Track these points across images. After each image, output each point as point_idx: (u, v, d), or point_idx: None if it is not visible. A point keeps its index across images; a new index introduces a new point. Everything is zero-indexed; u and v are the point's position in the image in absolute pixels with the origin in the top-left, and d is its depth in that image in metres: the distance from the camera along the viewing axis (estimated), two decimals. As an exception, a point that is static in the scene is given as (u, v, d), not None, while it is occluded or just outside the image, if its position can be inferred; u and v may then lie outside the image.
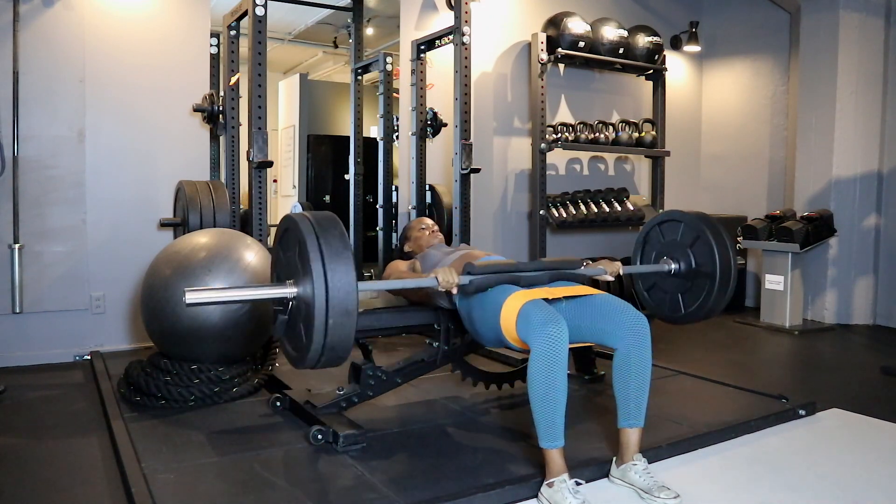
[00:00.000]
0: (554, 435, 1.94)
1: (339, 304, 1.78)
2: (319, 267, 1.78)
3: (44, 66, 3.60)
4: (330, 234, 1.85)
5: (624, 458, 2.08)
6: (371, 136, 5.00)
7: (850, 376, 3.66)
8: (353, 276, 1.83)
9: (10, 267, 3.50)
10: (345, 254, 1.83)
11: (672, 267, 2.67)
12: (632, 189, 5.49)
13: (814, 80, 5.03)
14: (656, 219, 2.80)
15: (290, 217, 1.97)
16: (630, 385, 2.09)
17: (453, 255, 2.68)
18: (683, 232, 2.65)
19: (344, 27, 5.36)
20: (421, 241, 2.94)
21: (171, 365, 2.86)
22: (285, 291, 1.90)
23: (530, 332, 1.99)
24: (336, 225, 1.92)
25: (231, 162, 3.92)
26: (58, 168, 3.64)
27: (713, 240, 2.55)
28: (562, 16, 4.78)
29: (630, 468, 2.04)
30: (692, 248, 2.62)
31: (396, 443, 2.40)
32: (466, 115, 3.94)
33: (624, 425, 2.10)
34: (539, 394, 1.93)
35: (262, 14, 3.40)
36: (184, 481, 2.07)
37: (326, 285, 1.77)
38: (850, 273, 4.96)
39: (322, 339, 1.78)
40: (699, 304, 2.60)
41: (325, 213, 1.99)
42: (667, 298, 2.74)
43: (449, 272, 2.18)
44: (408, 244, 3.00)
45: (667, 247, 2.72)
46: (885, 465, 2.32)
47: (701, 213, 2.69)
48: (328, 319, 1.76)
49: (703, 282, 2.59)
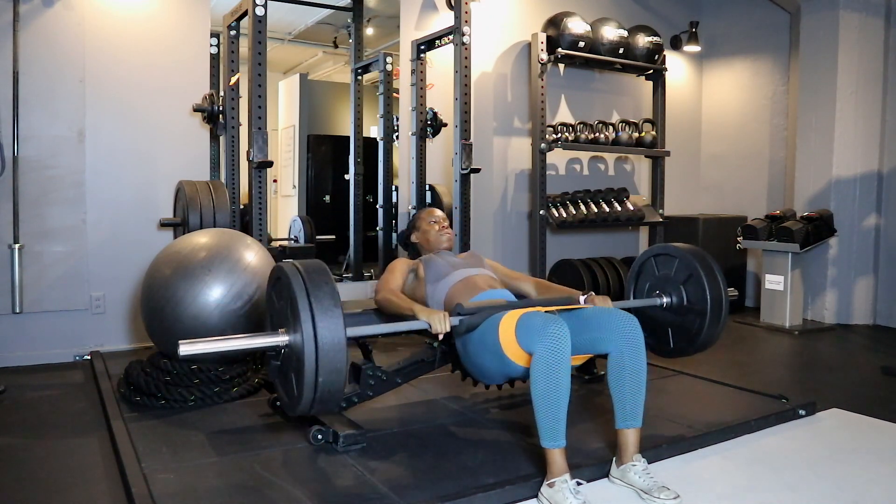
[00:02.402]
0: (556, 434, 1.94)
1: (329, 362, 1.83)
2: (310, 328, 1.83)
3: (44, 66, 3.59)
4: (320, 289, 1.89)
5: (623, 458, 2.07)
6: (371, 136, 5.00)
7: (850, 376, 3.66)
8: (342, 334, 1.86)
9: (10, 267, 3.50)
10: (334, 311, 1.86)
11: (664, 301, 2.70)
12: (632, 189, 5.48)
13: (814, 80, 5.03)
14: (651, 251, 2.81)
15: (281, 267, 2.02)
16: (625, 387, 2.10)
17: (458, 274, 2.60)
18: (677, 267, 2.68)
19: (344, 27, 5.35)
20: (429, 235, 2.86)
21: (171, 365, 2.85)
22: (277, 340, 1.96)
23: (532, 336, 2.00)
24: (326, 280, 1.95)
25: (231, 162, 3.92)
26: (58, 168, 3.64)
27: (705, 278, 2.57)
28: (562, 16, 4.78)
29: (630, 469, 2.04)
30: (685, 284, 2.64)
31: (396, 443, 2.40)
32: (466, 115, 3.94)
33: (621, 426, 2.10)
34: (542, 393, 1.94)
35: (262, 14, 3.40)
36: (184, 481, 2.07)
37: (316, 345, 1.83)
38: (850, 273, 4.96)
39: (312, 393, 1.85)
40: (689, 339, 2.64)
41: (316, 264, 2.03)
42: (658, 331, 2.75)
43: (441, 321, 2.19)
44: (415, 234, 2.93)
45: (660, 280, 2.73)
46: (885, 465, 2.32)
47: (695, 249, 2.70)
48: (318, 377, 1.82)
49: (693, 318, 2.62)
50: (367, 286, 4.62)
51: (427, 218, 2.91)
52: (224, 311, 2.78)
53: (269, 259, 3.02)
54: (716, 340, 2.66)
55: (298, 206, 5.78)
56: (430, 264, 2.68)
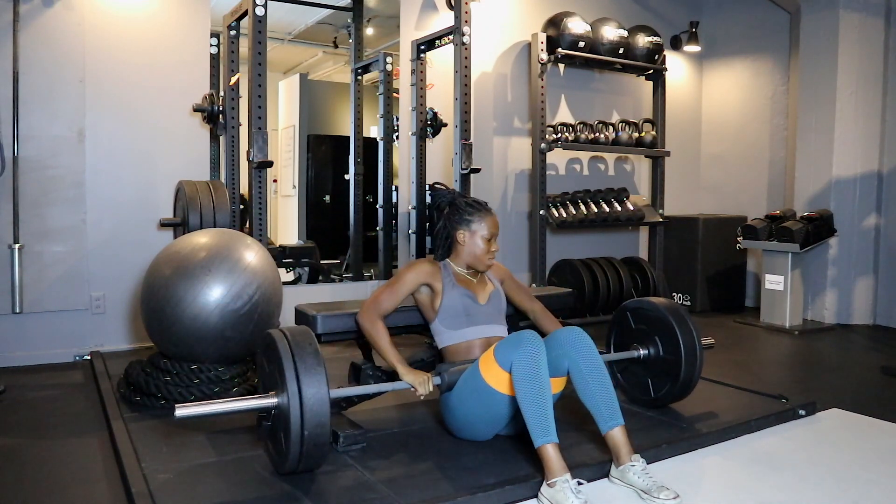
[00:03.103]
0: (546, 430, 1.96)
1: (314, 416, 1.94)
2: (295, 387, 1.94)
3: (44, 66, 3.59)
4: (304, 351, 2.02)
5: (620, 459, 2.06)
6: (371, 136, 5.01)
7: (850, 376, 3.66)
8: (325, 391, 1.97)
9: (10, 267, 3.50)
10: (317, 370, 1.98)
11: (641, 353, 2.73)
12: (632, 189, 5.48)
13: (814, 80, 5.03)
14: (627, 305, 2.83)
15: (269, 334, 2.11)
16: (592, 390, 2.11)
17: (469, 332, 2.42)
18: (650, 319, 2.71)
19: (344, 27, 5.36)
20: (476, 251, 2.43)
21: (171, 365, 2.85)
22: (268, 402, 2.04)
23: (508, 349, 2.10)
24: (309, 342, 2.06)
25: (231, 162, 3.92)
26: (58, 168, 3.64)
27: (678, 328, 2.61)
28: (562, 16, 4.78)
29: (629, 469, 2.04)
30: (659, 335, 2.67)
31: (396, 443, 2.40)
32: (466, 115, 3.94)
33: (606, 429, 2.08)
34: (526, 394, 2.00)
35: (262, 14, 3.40)
36: (184, 481, 2.07)
37: (301, 402, 1.93)
38: (850, 273, 4.96)
39: (299, 447, 1.95)
40: (668, 388, 2.67)
41: (301, 329, 2.12)
42: (639, 382, 2.79)
43: (424, 383, 2.25)
44: (463, 233, 2.43)
45: (637, 333, 2.76)
46: (885, 465, 2.32)
47: (668, 301, 2.74)
48: (304, 431, 1.93)
49: (669, 367, 2.65)
50: (366, 286, 4.63)
51: (485, 230, 2.43)
52: (224, 311, 2.77)
53: (269, 259, 3.02)
54: (693, 387, 2.69)
55: (298, 206, 5.79)
56: (448, 297, 2.42)
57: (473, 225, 2.43)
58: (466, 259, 2.47)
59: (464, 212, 2.44)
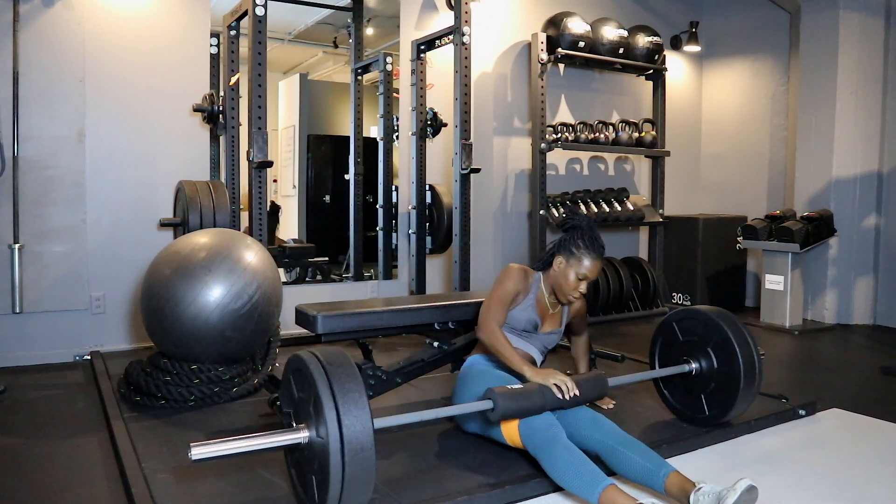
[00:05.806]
0: (595, 477, 1.86)
1: (356, 455, 1.66)
2: (335, 421, 1.66)
3: (44, 66, 3.59)
4: (346, 385, 1.72)
5: (687, 491, 1.90)
6: (371, 136, 5.00)
7: (850, 376, 3.66)
8: (370, 427, 1.70)
9: (10, 267, 3.50)
10: (360, 401, 1.70)
11: (693, 367, 2.53)
12: (632, 189, 5.49)
13: (814, 80, 5.03)
14: (673, 315, 2.65)
15: (301, 357, 1.83)
16: (630, 456, 2.01)
17: (521, 345, 2.47)
18: (702, 329, 2.53)
19: (344, 27, 5.35)
20: (563, 283, 2.40)
21: (171, 365, 2.85)
22: (298, 437, 1.78)
23: (530, 436, 2.05)
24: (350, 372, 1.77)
25: (231, 162, 3.92)
26: (58, 168, 3.64)
27: (734, 339, 2.44)
28: (562, 16, 4.78)
29: (698, 492, 1.88)
30: (713, 347, 2.49)
31: (396, 443, 2.40)
32: (466, 115, 3.94)
33: (662, 481, 1.94)
34: (554, 464, 1.94)
35: (262, 14, 3.40)
36: (184, 481, 2.07)
37: (341, 439, 1.65)
38: (850, 273, 4.96)
39: (338, 494, 1.68)
40: (724, 404, 2.47)
41: (338, 354, 1.83)
42: (689, 399, 2.59)
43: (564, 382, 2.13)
44: (562, 260, 2.40)
45: (686, 346, 2.58)
46: (885, 465, 2.32)
47: (720, 310, 2.56)
48: (344, 472, 1.66)
49: (726, 382, 2.46)
50: (366, 286, 4.63)
51: (583, 269, 2.37)
52: (224, 311, 2.77)
53: (269, 259, 3.02)
54: (751, 403, 2.52)
55: (298, 206, 5.78)
56: (520, 311, 2.45)
57: (575, 258, 2.38)
58: (553, 283, 2.45)
59: (576, 242, 2.38)
